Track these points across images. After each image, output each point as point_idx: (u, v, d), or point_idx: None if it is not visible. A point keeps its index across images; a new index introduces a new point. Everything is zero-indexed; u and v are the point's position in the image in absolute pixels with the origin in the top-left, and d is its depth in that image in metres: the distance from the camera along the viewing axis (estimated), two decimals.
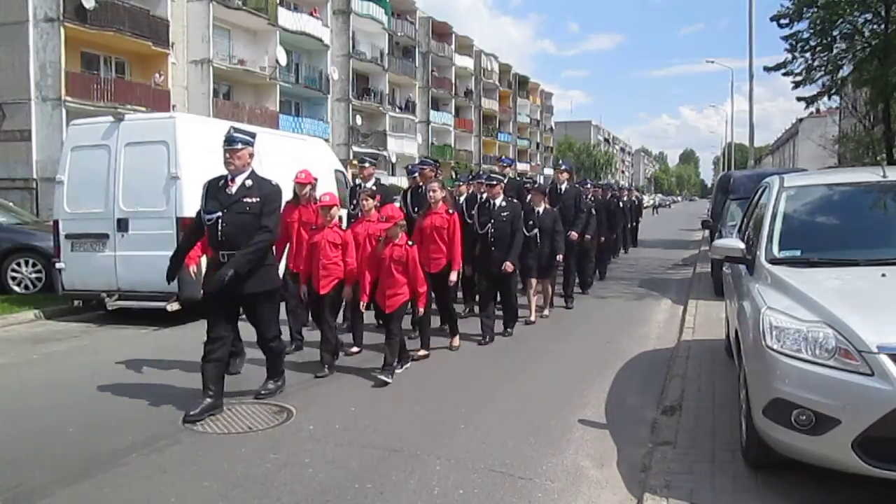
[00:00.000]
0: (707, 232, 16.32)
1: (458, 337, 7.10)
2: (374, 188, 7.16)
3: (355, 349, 6.76)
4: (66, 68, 21.59)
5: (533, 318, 8.48)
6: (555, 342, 7.57)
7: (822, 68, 21.50)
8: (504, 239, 7.48)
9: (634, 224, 20.93)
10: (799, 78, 21.85)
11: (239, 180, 4.83)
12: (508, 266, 7.43)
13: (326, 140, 25.69)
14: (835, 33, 20.72)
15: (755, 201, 5.56)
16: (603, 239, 12.42)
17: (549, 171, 58.29)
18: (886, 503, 3.31)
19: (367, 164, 8.36)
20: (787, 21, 21.14)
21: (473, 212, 7.80)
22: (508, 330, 7.75)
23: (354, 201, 8.32)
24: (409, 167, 9.31)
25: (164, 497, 3.57)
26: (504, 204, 7.61)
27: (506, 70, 62.31)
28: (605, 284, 12.31)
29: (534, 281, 8.53)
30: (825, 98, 23.22)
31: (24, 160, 21.21)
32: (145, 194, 8.31)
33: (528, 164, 65.44)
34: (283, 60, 31.17)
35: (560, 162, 12.11)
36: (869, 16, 20.05)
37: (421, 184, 8.27)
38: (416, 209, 8.22)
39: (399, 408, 5.09)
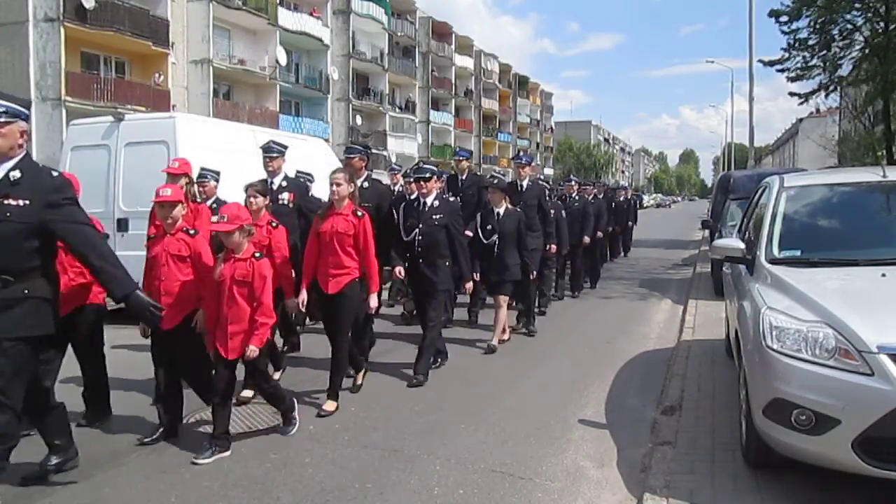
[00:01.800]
0: (707, 232, 16.32)
1: (362, 374, 5.67)
2: (263, 182, 5.56)
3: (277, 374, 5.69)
4: (66, 68, 21.60)
5: (495, 341, 6.98)
6: (555, 342, 7.56)
7: (821, 67, 21.50)
8: (435, 248, 5.91)
9: (629, 226, 18.20)
10: (793, 74, 21.85)
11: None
12: (468, 286, 6.38)
13: (326, 140, 25.66)
14: (834, 32, 20.71)
15: (755, 201, 5.56)
16: (587, 240, 10.81)
17: (548, 171, 58.25)
18: (886, 503, 3.31)
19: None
20: (786, 19, 21.15)
21: (399, 213, 6.15)
22: (436, 361, 6.23)
23: None
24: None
25: (164, 497, 3.57)
26: (437, 204, 6.00)
27: (506, 70, 62.29)
28: (605, 284, 12.29)
29: (502, 298, 7.12)
30: (821, 96, 23.22)
31: None
32: (145, 194, 8.20)
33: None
34: (283, 60, 31.17)
35: (520, 155, 10.50)
36: (869, 14, 20.04)
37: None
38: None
39: (399, 408, 5.09)
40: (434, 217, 5.92)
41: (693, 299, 9.51)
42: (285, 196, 6.16)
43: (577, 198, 10.91)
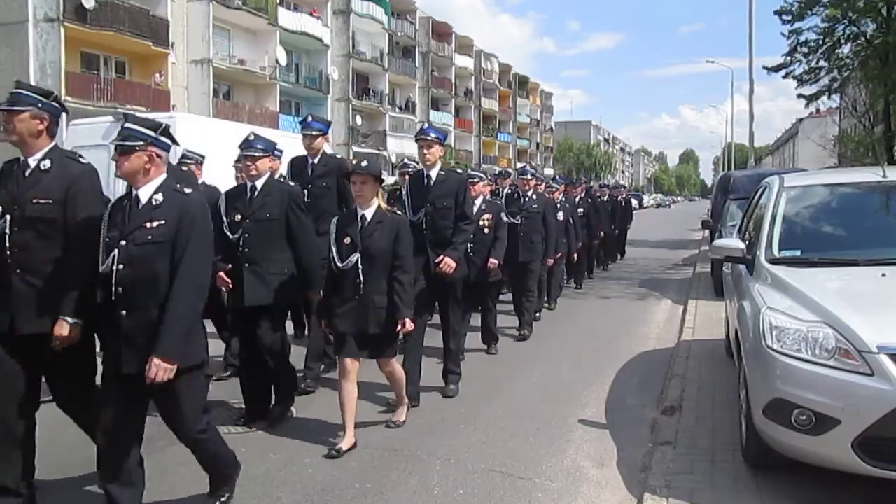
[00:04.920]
0: (707, 232, 16.31)
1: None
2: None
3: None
4: (66, 68, 21.60)
5: (398, 417, 4.72)
6: (555, 342, 7.56)
7: (826, 68, 21.50)
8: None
9: (622, 229, 16.43)
10: (802, 77, 21.85)
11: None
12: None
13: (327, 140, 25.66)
14: (839, 34, 20.70)
15: (755, 201, 5.56)
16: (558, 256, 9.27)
17: (549, 171, 58.21)
18: (886, 503, 3.31)
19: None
20: (789, 18, 21.13)
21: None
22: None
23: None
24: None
25: (165, 497, 3.57)
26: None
27: (506, 70, 62.28)
28: (604, 284, 12.31)
29: (382, 363, 4.47)
30: (825, 97, 23.24)
31: None
32: None
33: (528, 165, 65.38)
34: (283, 60, 31.18)
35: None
36: (872, 15, 20.04)
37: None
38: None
39: None
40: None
41: (693, 299, 9.51)
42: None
43: (534, 197, 7.96)
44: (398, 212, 4.49)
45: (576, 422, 4.75)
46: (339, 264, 4.21)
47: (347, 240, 4.22)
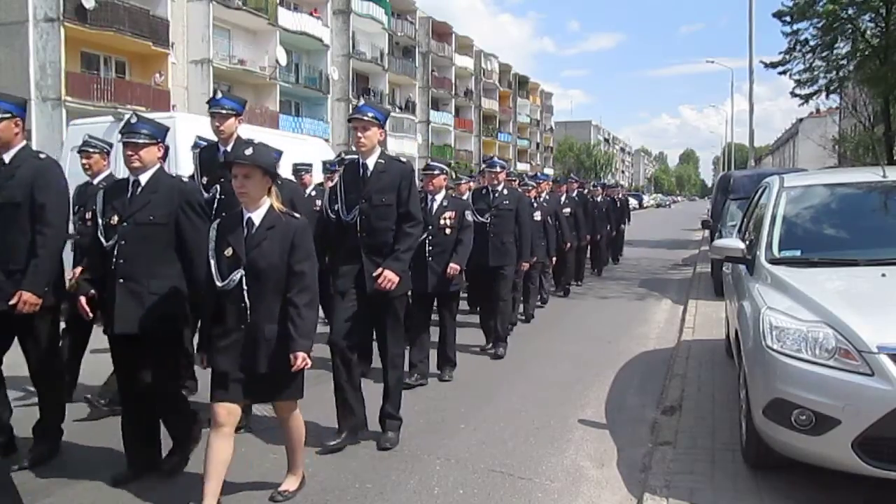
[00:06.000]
0: (707, 232, 16.32)
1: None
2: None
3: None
4: (66, 68, 21.60)
5: (285, 486, 3.71)
6: (555, 342, 7.56)
7: (824, 68, 21.51)
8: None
9: (618, 230, 15.58)
10: (800, 77, 21.88)
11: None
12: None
13: (326, 140, 25.67)
14: (836, 34, 20.72)
15: (755, 201, 5.56)
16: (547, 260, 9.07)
17: (549, 171, 58.22)
18: (886, 503, 3.31)
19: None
20: (788, 19, 21.16)
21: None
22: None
23: None
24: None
25: (165, 497, 3.57)
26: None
27: (506, 70, 62.29)
28: (604, 284, 12.30)
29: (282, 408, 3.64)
30: (823, 96, 23.25)
31: None
32: None
33: (528, 164, 65.42)
34: (283, 60, 31.16)
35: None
36: (871, 15, 20.05)
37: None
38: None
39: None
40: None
41: (693, 299, 9.51)
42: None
43: (505, 192, 6.99)
44: (296, 215, 3.45)
45: (576, 422, 4.75)
46: (220, 283, 3.26)
47: (229, 251, 3.28)
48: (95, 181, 5.24)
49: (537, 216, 8.25)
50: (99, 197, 3.80)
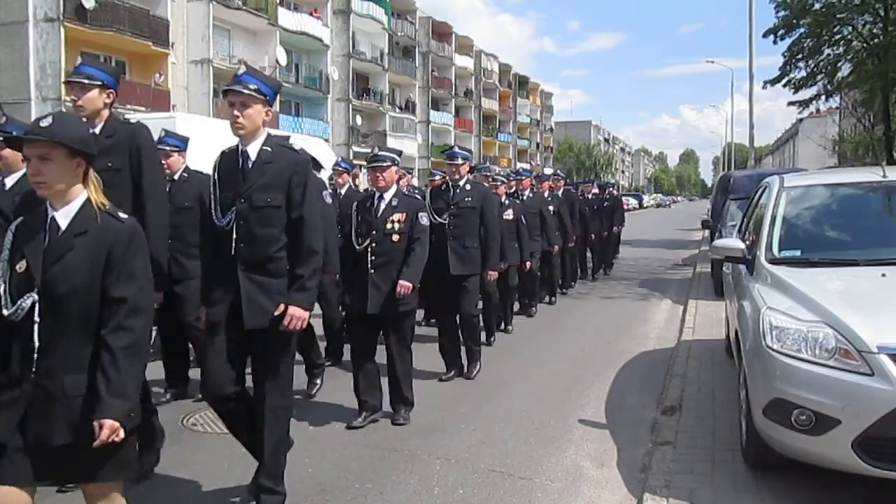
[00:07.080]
0: (707, 232, 16.32)
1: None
2: None
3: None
4: (66, 68, 21.55)
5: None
6: (555, 342, 7.56)
7: (821, 71, 21.54)
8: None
9: (610, 232, 13.62)
10: (798, 84, 21.93)
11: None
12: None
13: (326, 140, 25.68)
14: (830, 36, 20.75)
15: (755, 201, 5.56)
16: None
17: (548, 171, 58.14)
18: (886, 503, 3.31)
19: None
20: (781, 34, 21.26)
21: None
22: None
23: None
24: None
25: (165, 497, 3.57)
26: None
27: (506, 70, 62.28)
28: (605, 284, 12.30)
29: None
30: (822, 99, 23.28)
31: None
32: None
33: (528, 164, 65.46)
34: (283, 60, 31.15)
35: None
36: (869, 17, 20.06)
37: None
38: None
39: None
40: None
41: (693, 299, 9.51)
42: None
43: (467, 188, 6.08)
44: (122, 214, 2.38)
45: (576, 422, 4.76)
46: (6, 312, 2.24)
47: (22, 265, 2.28)
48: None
49: (508, 215, 7.46)
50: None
